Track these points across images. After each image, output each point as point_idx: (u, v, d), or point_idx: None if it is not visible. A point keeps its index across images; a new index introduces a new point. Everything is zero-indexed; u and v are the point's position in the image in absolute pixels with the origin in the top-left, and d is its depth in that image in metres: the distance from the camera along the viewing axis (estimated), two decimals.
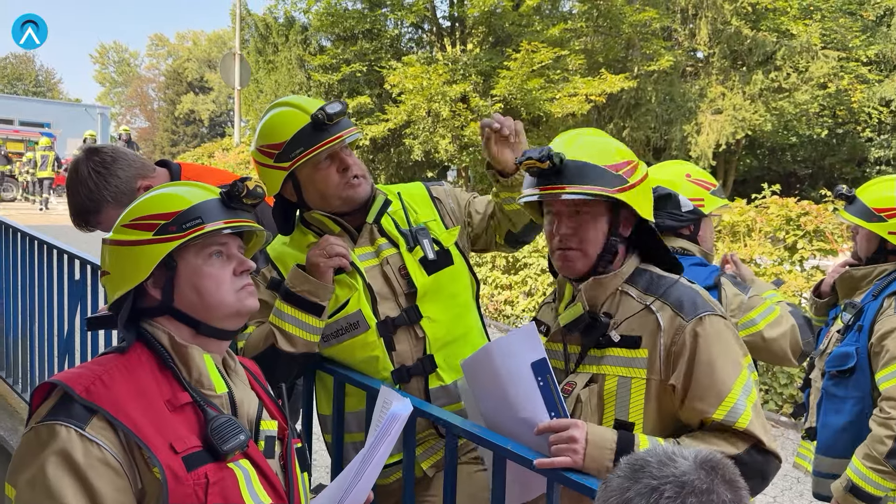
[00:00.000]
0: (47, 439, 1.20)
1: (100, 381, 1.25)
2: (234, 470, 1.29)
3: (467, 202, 2.19)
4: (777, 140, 20.74)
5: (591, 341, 1.64)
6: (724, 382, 1.51)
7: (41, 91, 47.86)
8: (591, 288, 1.65)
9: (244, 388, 1.45)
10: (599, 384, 1.63)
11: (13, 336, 4.20)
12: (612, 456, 1.44)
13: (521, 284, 8.48)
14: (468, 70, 15.48)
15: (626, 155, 1.65)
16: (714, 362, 1.52)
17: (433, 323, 2.00)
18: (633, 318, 1.61)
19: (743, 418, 1.49)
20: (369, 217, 2.02)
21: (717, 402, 1.50)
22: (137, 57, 56.43)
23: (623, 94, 16.45)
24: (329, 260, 1.90)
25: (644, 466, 0.93)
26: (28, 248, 3.99)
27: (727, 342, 1.56)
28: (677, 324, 1.56)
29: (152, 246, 1.34)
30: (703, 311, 1.57)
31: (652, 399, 1.57)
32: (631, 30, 16.73)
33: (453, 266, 2.07)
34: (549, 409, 1.52)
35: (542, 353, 1.55)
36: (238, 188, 1.39)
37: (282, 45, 18.28)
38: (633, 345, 1.60)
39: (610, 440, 1.47)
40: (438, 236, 2.07)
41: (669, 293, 1.61)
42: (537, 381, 1.53)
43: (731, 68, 19.01)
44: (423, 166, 17.53)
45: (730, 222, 6.84)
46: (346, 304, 1.97)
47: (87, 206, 2.35)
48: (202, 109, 45.15)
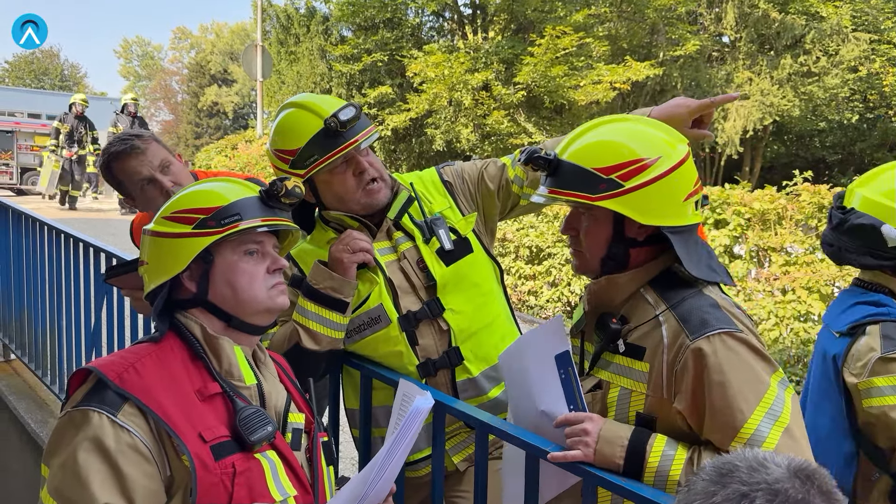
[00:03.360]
0: (80, 424, 1.23)
1: (132, 369, 1.28)
2: (261, 461, 1.31)
3: (478, 179, 2.10)
4: (805, 126, 20.32)
5: (604, 344, 1.54)
6: (739, 411, 1.33)
7: (67, 85, 48.51)
8: (603, 287, 1.56)
9: (273, 380, 1.47)
10: (604, 391, 1.54)
11: (41, 328, 4.25)
12: (622, 453, 1.38)
13: (546, 275, 8.40)
14: (490, 58, 15.34)
15: (635, 153, 1.46)
16: (726, 386, 1.34)
17: (456, 314, 1.96)
18: (643, 325, 1.48)
19: (765, 447, 1.30)
20: (391, 213, 1.98)
21: (733, 434, 1.33)
22: (161, 50, 56.99)
23: (648, 81, 16.19)
24: (353, 255, 1.86)
25: (732, 471, 0.87)
26: (54, 242, 4.02)
27: (744, 362, 1.37)
28: (680, 341, 1.40)
29: (191, 239, 1.37)
30: (713, 328, 1.38)
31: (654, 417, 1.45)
32: (655, 14, 16.43)
33: (473, 254, 2.02)
34: (569, 402, 1.49)
35: (567, 346, 1.50)
36: (277, 187, 1.42)
37: (303, 35, 18.28)
38: (636, 355, 1.47)
39: (622, 437, 1.39)
40: (455, 224, 2.02)
41: (681, 304, 1.44)
42: (559, 373, 1.49)
43: (759, 52, 18.62)
44: (445, 156, 17.44)
45: (760, 210, 6.69)
46: (367, 299, 1.94)
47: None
48: (226, 102, 45.42)
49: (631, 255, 1.53)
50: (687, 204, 1.49)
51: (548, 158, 1.50)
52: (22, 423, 4.09)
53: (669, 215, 1.47)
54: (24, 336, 4.52)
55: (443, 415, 1.81)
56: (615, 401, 1.50)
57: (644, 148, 1.47)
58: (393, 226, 1.99)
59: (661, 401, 1.43)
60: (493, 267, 2.10)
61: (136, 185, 2.32)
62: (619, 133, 1.53)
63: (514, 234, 8.59)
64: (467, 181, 2.09)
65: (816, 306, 6.02)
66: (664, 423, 1.44)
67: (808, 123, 20.04)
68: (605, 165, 1.46)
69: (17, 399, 4.34)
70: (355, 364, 2.03)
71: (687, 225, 1.49)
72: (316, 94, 2.03)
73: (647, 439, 1.38)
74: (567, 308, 8.36)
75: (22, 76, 47.07)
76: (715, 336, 1.37)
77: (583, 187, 1.47)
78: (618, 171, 1.45)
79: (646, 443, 1.37)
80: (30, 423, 4.01)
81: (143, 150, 2.33)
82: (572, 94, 14.72)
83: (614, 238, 1.51)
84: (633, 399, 1.47)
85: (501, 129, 15.02)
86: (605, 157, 1.47)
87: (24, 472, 4.15)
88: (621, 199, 1.45)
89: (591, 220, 1.52)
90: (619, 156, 1.46)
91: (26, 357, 4.49)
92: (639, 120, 1.62)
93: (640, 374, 1.46)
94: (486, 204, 2.09)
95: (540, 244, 8.46)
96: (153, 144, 2.38)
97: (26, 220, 4.39)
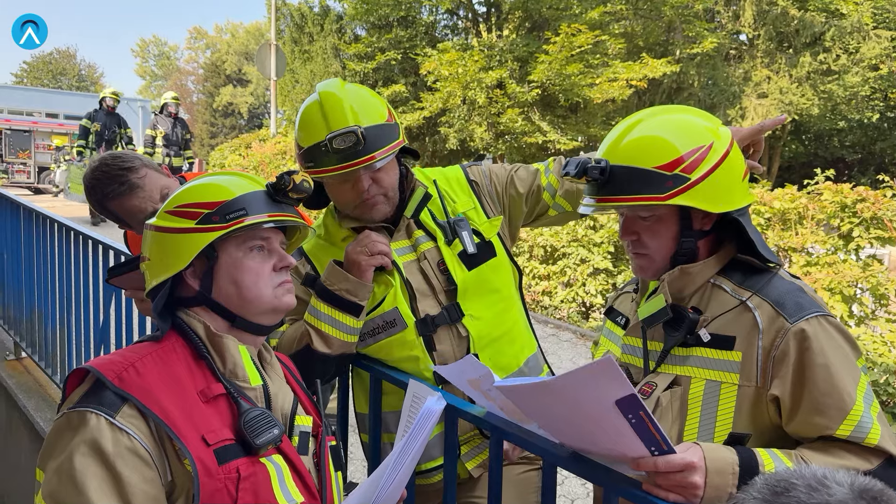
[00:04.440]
0: (77, 426, 1.18)
1: (132, 369, 1.22)
2: (267, 465, 1.26)
3: (507, 181, 2.02)
4: (825, 125, 20.08)
5: (677, 339, 1.45)
6: (847, 392, 1.30)
7: (84, 85, 49.05)
8: (676, 279, 1.47)
9: (280, 381, 1.42)
10: (684, 387, 1.44)
11: (51, 326, 4.23)
12: (734, 481, 1.24)
13: (560, 275, 8.30)
14: (504, 56, 15.26)
15: (690, 144, 1.41)
16: (831, 369, 1.30)
17: (476, 320, 1.88)
18: (726, 314, 1.42)
19: (873, 433, 1.28)
20: (407, 211, 1.90)
21: (841, 417, 1.29)
22: (177, 50, 57.46)
23: (665, 79, 16.04)
24: (371, 258, 1.79)
25: (789, 489, 0.79)
26: (64, 239, 4.00)
27: (841, 345, 1.34)
28: (778, 325, 1.35)
29: (194, 235, 1.32)
30: (811, 311, 1.35)
31: (743, 409, 1.38)
32: (672, 12, 16.29)
33: (495, 258, 1.93)
34: (648, 444, 1.24)
35: (630, 389, 1.19)
36: (284, 181, 1.37)
37: (317, 34, 18.32)
38: (725, 345, 1.40)
39: (732, 462, 1.25)
40: (479, 226, 1.94)
41: (769, 289, 1.40)
42: (628, 419, 1.22)
43: (777, 50, 18.43)
44: (459, 154, 17.39)
45: (780, 209, 6.56)
46: (382, 302, 1.86)
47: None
48: (241, 102, 45.73)
49: (699, 246, 1.48)
50: (744, 184, 1.48)
51: (602, 167, 1.43)
52: (31, 420, 4.07)
53: (736, 199, 1.44)
54: (34, 334, 4.51)
55: (455, 419, 1.74)
56: (700, 396, 1.41)
57: (695, 137, 1.42)
58: (414, 224, 1.92)
59: (755, 390, 1.36)
60: (514, 272, 2.02)
61: (138, 220, 2.21)
62: (664, 127, 1.46)
63: (528, 233, 8.50)
64: (495, 182, 2.02)
65: (839, 308, 5.88)
66: (755, 420, 1.37)
67: (827, 122, 19.80)
68: (665, 162, 1.39)
69: (27, 397, 4.33)
70: (365, 366, 1.96)
71: (745, 206, 1.47)
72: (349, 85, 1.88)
73: (756, 459, 1.27)
74: (582, 309, 8.25)
75: (40, 76, 47.64)
76: (813, 318, 1.34)
77: (646, 188, 1.40)
78: (680, 165, 1.39)
79: (757, 462, 1.26)
80: (39, 422, 4.00)
81: (142, 186, 2.22)
82: (588, 92, 14.60)
83: (683, 233, 1.46)
84: (723, 392, 1.39)
85: (515, 128, 14.94)
86: (662, 154, 1.40)
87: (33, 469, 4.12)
88: (691, 192, 1.39)
89: (655, 220, 1.46)
90: (674, 150, 1.40)
91: (36, 355, 4.47)
92: (670, 109, 1.55)
93: (732, 365, 1.38)
94: (512, 207, 2.02)
95: (554, 244, 8.37)
96: (149, 175, 2.25)
97: (37, 217, 4.37)
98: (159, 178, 2.29)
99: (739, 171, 1.47)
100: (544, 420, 1.44)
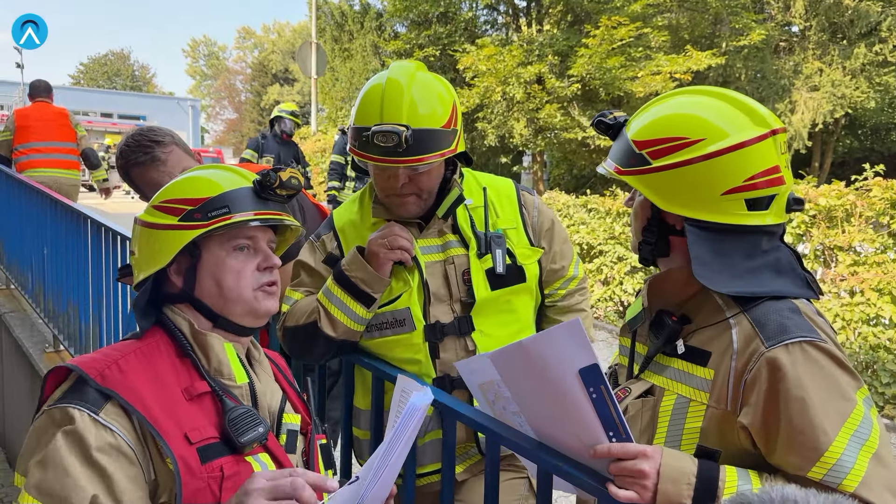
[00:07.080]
0: (60, 422, 1.15)
1: (115, 366, 1.21)
2: (252, 464, 1.24)
3: (543, 232, 2.00)
4: (881, 118, 19.27)
5: (657, 346, 1.37)
6: (822, 430, 1.14)
7: (137, 85, 50.52)
8: (658, 281, 1.40)
9: (267, 379, 1.40)
10: (657, 399, 1.35)
11: (86, 320, 4.33)
12: (689, 492, 1.16)
13: (597, 273, 8.16)
14: (544, 50, 15.07)
15: (676, 130, 1.30)
16: (807, 402, 1.16)
17: (486, 337, 1.84)
18: (709, 328, 1.31)
19: (851, 477, 1.12)
20: (439, 211, 1.86)
21: (815, 458, 1.14)
22: (225, 50, 58.68)
23: (710, 72, 15.61)
24: (390, 252, 1.76)
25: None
26: (96, 235, 4.09)
27: (828, 375, 1.18)
28: (753, 347, 1.22)
29: (176, 232, 1.30)
30: (794, 335, 1.20)
31: (710, 431, 1.26)
32: (719, 3, 15.82)
33: (523, 284, 1.88)
34: (607, 429, 1.23)
35: (592, 359, 1.19)
36: (271, 178, 1.34)
37: (357, 32, 18.45)
38: (699, 360, 1.29)
39: (687, 473, 1.18)
40: (514, 248, 1.89)
41: (757, 306, 1.26)
42: (588, 392, 1.20)
43: (830, 42, 17.75)
44: (498, 151, 17.28)
45: (826, 206, 6.29)
46: (396, 299, 1.84)
47: None
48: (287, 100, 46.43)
49: (672, 243, 1.37)
50: (727, 199, 1.27)
51: (608, 123, 1.40)
52: None
53: (697, 206, 1.28)
54: (70, 327, 4.62)
55: (453, 421, 1.70)
56: (669, 410, 1.32)
57: (689, 127, 1.30)
58: (451, 227, 1.88)
59: (723, 414, 1.24)
60: (537, 295, 1.98)
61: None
62: (680, 106, 1.36)
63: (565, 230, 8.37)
64: (540, 221, 1.99)
65: (888, 309, 5.61)
66: (725, 442, 1.26)
67: (884, 116, 19.01)
68: (642, 139, 1.34)
69: None
70: (367, 364, 1.94)
71: (726, 224, 1.27)
72: (424, 75, 1.80)
73: (718, 474, 1.18)
74: (619, 308, 8.10)
75: (95, 77, 49.25)
76: (795, 345, 1.19)
77: (620, 159, 1.37)
78: (650, 147, 1.32)
79: (717, 478, 1.17)
80: None
81: (164, 161, 2.25)
82: (629, 86, 14.30)
83: (651, 221, 1.38)
84: (690, 410, 1.29)
85: (555, 124, 14.75)
86: (648, 131, 1.34)
87: None
88: (643, 177, 1.32)
89: (637, 204, 1.42)
90: (659, 131, 1.33)
91: (73, 348, 4.59)
92: (717, 94, 1.37)
93: (702, 382, 1.28)
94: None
95: (591, 241, 8.23)
96: (174, 152, 2.29)
97: (73, 215, 4.48)
98: (186, 158, 2.32)
99: (723, 182, 1.27)
100: (521, 398, 1.40)
